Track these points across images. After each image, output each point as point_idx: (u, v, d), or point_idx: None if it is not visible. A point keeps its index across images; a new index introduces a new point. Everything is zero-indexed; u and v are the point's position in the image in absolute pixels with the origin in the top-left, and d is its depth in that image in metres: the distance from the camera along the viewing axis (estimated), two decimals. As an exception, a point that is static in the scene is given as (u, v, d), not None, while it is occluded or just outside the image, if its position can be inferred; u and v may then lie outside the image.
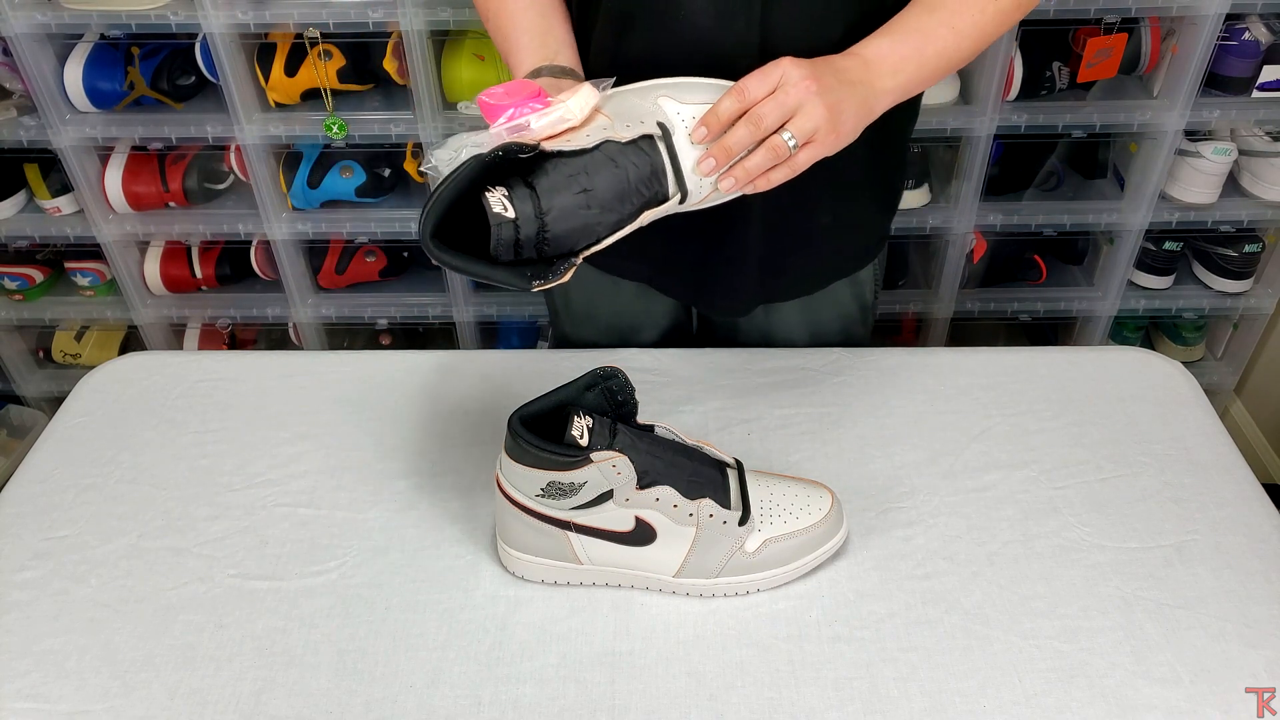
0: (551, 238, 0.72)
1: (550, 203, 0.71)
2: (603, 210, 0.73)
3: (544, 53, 0.86)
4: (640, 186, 0.74)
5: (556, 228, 0.72)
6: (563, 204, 0.71)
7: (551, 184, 0.71)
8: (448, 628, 0.81)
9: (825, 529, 0.83)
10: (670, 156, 0.75)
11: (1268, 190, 1.77)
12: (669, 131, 0.75)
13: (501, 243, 0.70)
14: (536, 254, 0.72)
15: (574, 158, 0.72)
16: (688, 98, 0.76)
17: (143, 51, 1.68)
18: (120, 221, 1.81)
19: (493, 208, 0.69)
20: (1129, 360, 1.08)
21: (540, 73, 0.85)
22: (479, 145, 0.70)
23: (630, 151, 0.73)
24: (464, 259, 0.70)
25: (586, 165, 0.72)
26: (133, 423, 1.01)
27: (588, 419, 0.76)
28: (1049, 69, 1.67)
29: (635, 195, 0.74)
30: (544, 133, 0.71)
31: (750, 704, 0.75)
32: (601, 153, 0.73)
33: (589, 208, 0.72)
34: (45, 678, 0.78)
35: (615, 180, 0.73)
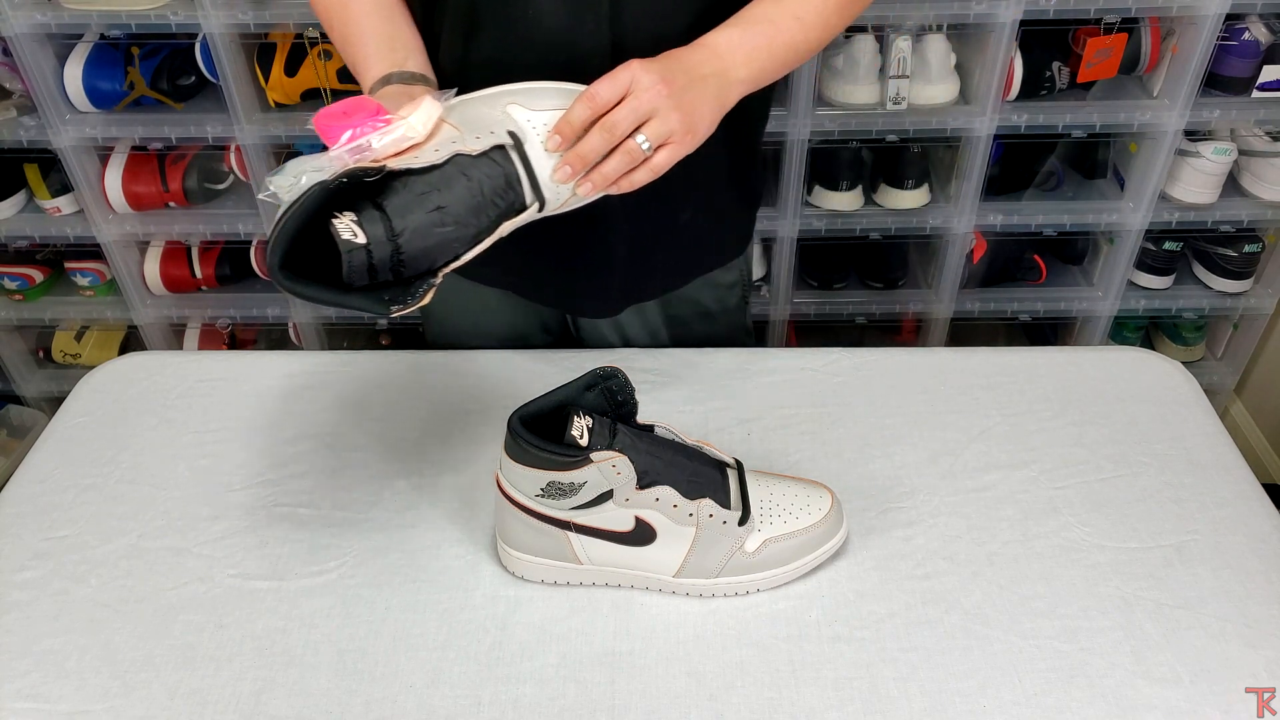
0: (407, 258, 0.70)
1: (403, 223, 0.69)
2: (458, 225, 0.71)
3: (392, 59, 0.84)
4: (495, 198, 0.73)
5: (411, 248, 0.69)
6: (416, 223, 0.69)
7: (402, 204, 0.69)
8: (448, 628, 0.81)
9: (825, 529, 0.83)
10: (524, 165, 0.73)
11: (1268, 190, 1.77)
12: (520, 140, 0.73)
13: (354, 269, 0.68)
14: (393, 276, 0.70)
15: (424, 175, 0.70)
16: (538, 104, 0.75)
17: (143, 51, 1.68)
18: (120, 221, 1.81)
19: (341, 235, 0.67)
20: (1129, 360, 1.08)
21: (390, 79, 0.83)
22: (320, 169, 0.67)
23: (482, 163, 0.72)
24: (316, 288, 0.67)
25: (438, 181, 0.70)
26: (133, 423, 1.01)
27: (588, 419, 0.76)
28: (1049, 69, 1.67)
29: (491, 207, 0.72)
30: (387, 152, 0.69)
31: (750, 704, 0.75)
32: (452, 167, 0.71)
33: (444, 224, 0.70)
34: (45, 678, 0.78)
35: (469, 194, 0.71)
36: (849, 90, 1.67)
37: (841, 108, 1.68)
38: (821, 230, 1.81)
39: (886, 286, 1.96)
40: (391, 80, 0.83)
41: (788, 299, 1.91)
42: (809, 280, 1.97)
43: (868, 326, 1.99)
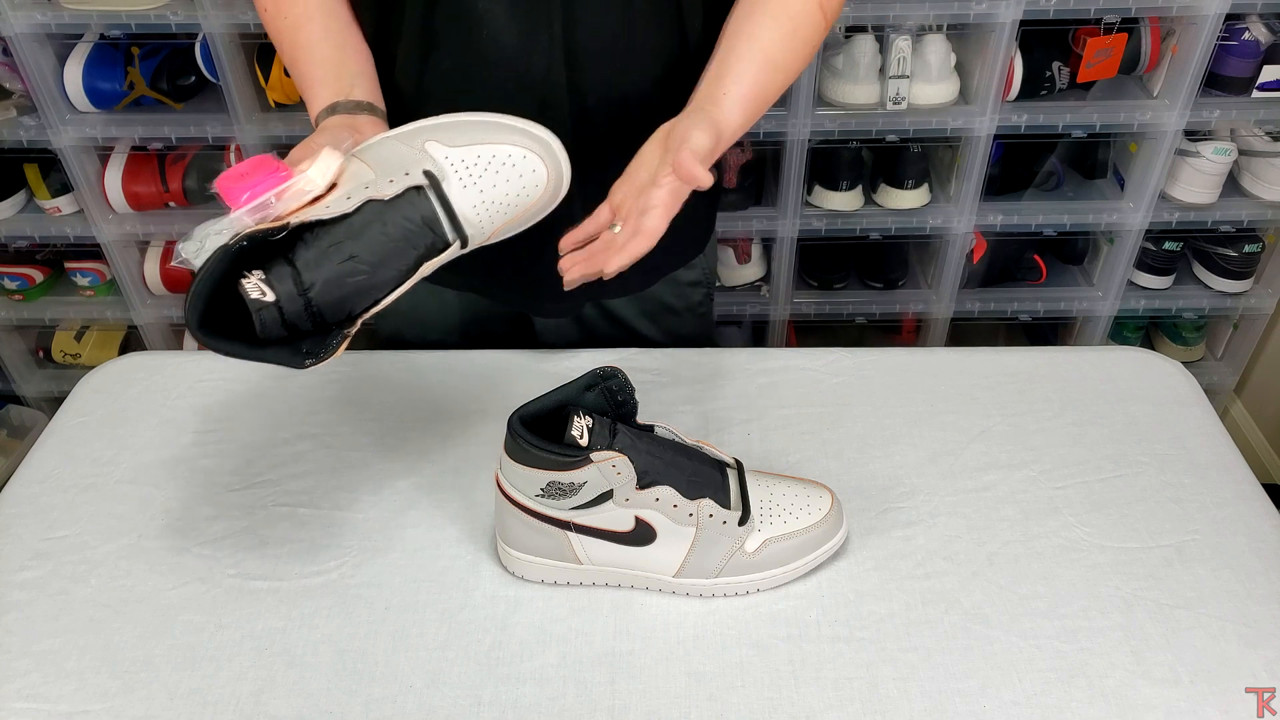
0: (323, 309, 0.70)
1: (312, 276, 0.69)
2: (372, 272, 0.71)
3: (338, 86, 0.84)
4: (413, 241, 0.72)
5: (324, 299, 0.70)
6: (327, 274, 0.69)
7: (312, 257, 0.69)
8: (448, 628, 0.81)
9: (825, 529, 0.83)
10: (443, 205, 0.72)
11: (1268, 190, 1.77)
12: (438, 179, 0.72)
13: (267, 325, 0.68)
14: (313, 325, 0.70)
15: (334, 224, 0.69)
16: (457, 139, 0.73)
17: (143, 51, 1.68)
18: (120, 221, 1.81)
19: (250, 294, 0.67)
20: (1129, 360, 1.08)
21: (336, 108, 0.82)
22: (221, 232, 0.68)
23: (398, 206, 0.71)
24: (233, 344, 0.68)
25: (349, 230, 0.70)
26: (133, 423, 1.01)
27: (588, 419, 0.76)
28: (1049, 69, 1.67)
29: (409, 250, 0.72)
30: (289, 208, 0.69)
31: (750, 704, 0.75)
32: (365, 214, 0.70)
33: (357, 273, 0.70)
34: (45, 678, 0.78)
35: (384, 240, 0.70)
36: (849, 90, 1.67)
37: (841, 108, 1.68)
38: (821, 230, 1.81)
39: (886, 286, 1.96)
40: (338, 109, 0.82)
41: (788, 299, 1.91)
42: (809, 280, 1.97)
43: (868, 326, 1.99)
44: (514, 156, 0.74)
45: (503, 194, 0.74)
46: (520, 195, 0.75)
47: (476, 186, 0.73)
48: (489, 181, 0.73)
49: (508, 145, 0.74)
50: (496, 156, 0.73)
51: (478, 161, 0.73)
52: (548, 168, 0.75)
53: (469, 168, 0.73)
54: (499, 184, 0.74)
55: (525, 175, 0.74)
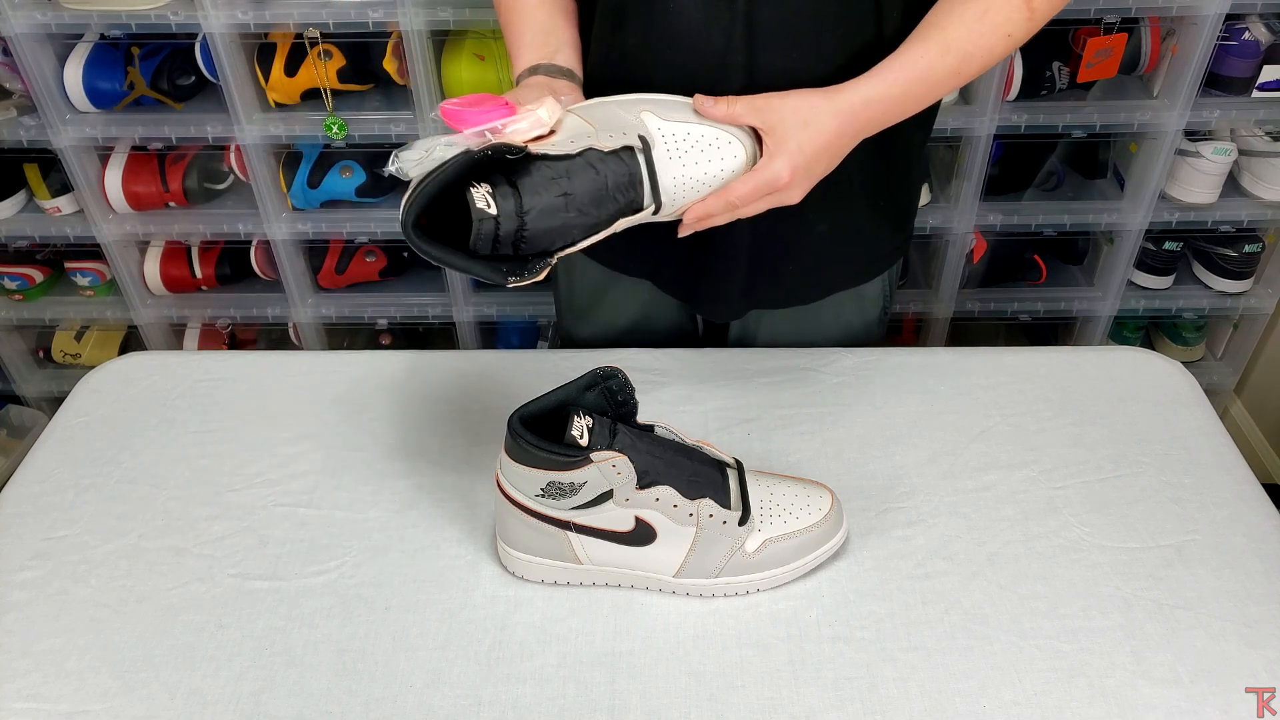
0: (529, 236, 0.74)
1: (531, 202, 0.73)
2: (580, 213, 0.75)
3: (544, 50, 0.88)
4: (617, 194, 0.76)
5: (535, 226, 0.73)
6: (543, 204, 0.73)
7: (534, 184, 0.73)
8: (448, 628, 0.81)
9: (825, 529, 0.83)
10: (649, 168, 0.77)
11: (1268, 190, 1.77)
12: (649, 145, 0.77)
13: (482, 237, 0.72)
14: (513, 251, 0.74)
15: (557, 161, 0.74)
16: (670, 115, 0.79)
17: (143, 51, 1.68)
18: (120, 221, 1.81)
19: (476, 203, 0.71)
20: (1129, 360, 1.08)
21: (537, 70, 0.86)
22: (453, 144, 0.72)
23: (611, 160, 0.76)
24: (444, 250, 0.72)
25: (568, 169, 0.74)
26: (133, 423, 1.01)
27: (588, 419, 0.76)
28: (1049, 69, 1.67)
29: (612, 201, 0.76)
30: (517, 137, 0.73)
31: (750, 704, 0.75)
32: (583, 159, 0.75)
33: (568, 210, 0.74)
34: (45, 678, 0.78)
35: (595, 186, 0.75)
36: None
37: (841, 108, 1.68)
38: (821, 230, 1.81)
39: (886, 286, 1.95)
40: (539, 71, 0.86)
41: (788, 299, 1.91)
42: (809, 280, 1.97)
43: (868, 326, 1.99)
44: (720, 140, 0.79)
45: (702, 172, 0.79)
46: (716, 177, 0.79)
47: (681, 160, 0.78)
48: (692, 158, 0.78)
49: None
50: (705, 137, 0.79)
51: (687, 137, 0.78)
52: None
53: (678, 141, 0.78)
54: (701, 162, 0.79)
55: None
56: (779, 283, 1.03)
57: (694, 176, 0.78)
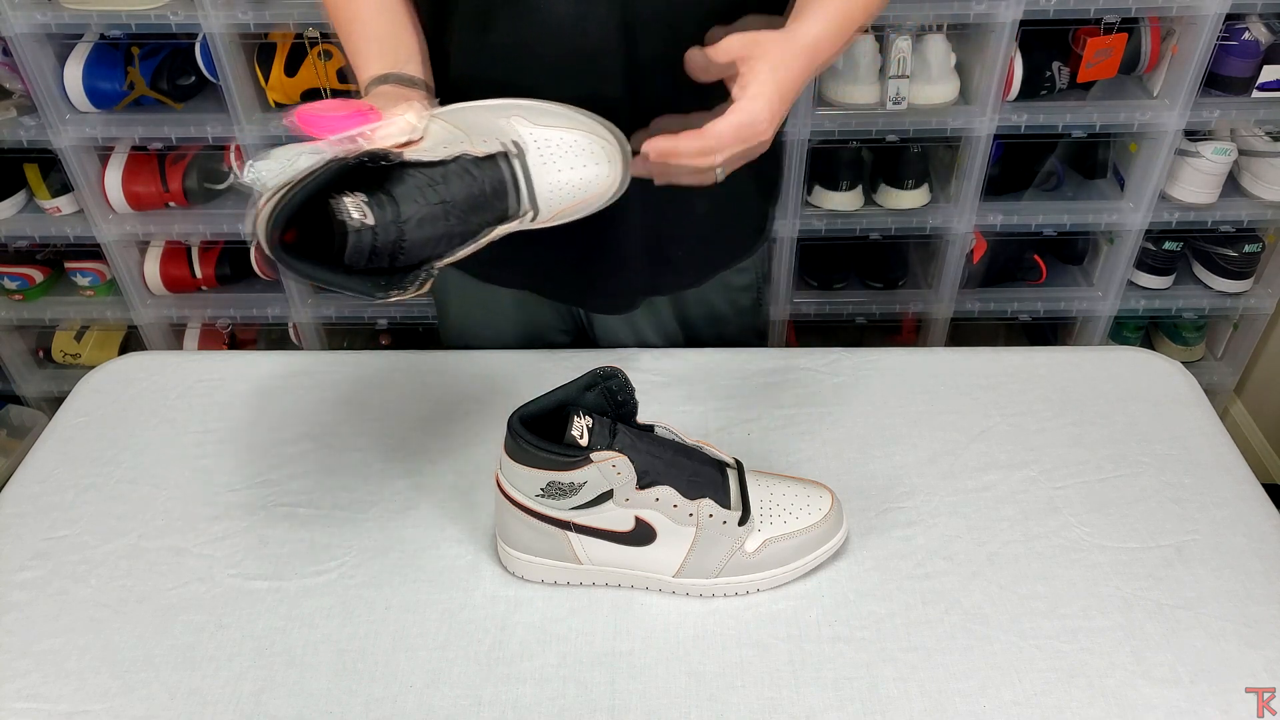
0: (408, 246, 0.71)
1: (409, 210, 0.70)
2: (459, 221, 0.73)
3: (392, 59, 0.85)
4: (494, 200, 0.75)
5: (413, 236, 0.71)
6: (421, 212, 0.71)
7: (408, 192, 0.71)
8: (448, 628, 0.81)
9: (825, 529, 0.83)
10: (524, 174, 0.75)
11: (1268, 190, 1.77)
12: (523, 151, 0.75)
13: (357, 250, 0.69)
14: (389, 263, 0.71)
15: (430, 168, 0.72)
16: (541, 120, 0.77)
17: (143, 51, 1.68)
18: (120, 221, 1.81)
19: (351, 213, 0.68)
20: (1129, 360, 1.08)
21: (387, 79, 0.83)
22: (318, 152, 0.68)
23: (486, 165, 0.74)
24: (315, 267, 0.68)
25: (443, 176, 0.72)
26: (133, 423, 1.01)
27: (588, 419, 0.76)
28: (1049, 69, 1.67)
29: (489, 208, 0.74)
30: (390, 141, 0.71)
31: (750, 704, 0.75)
32: (458, 165, 0.73)
33: (447, 218, 0.72)
34: (45, 678, 0.78)
35: (471, 192, 0.73)
36: (849, 90, 1.67)
37: (841, 108, 1.68)
38: (821, 230, 1.81)
39: (886, 286, 1.96)
40: (388, 80, 0.83)
41: (788, 299, 1.91)
42: (809, 280, 1.97)
43: (868, 326, 1.99)
44: (591, 146, 0.77)
45: (575, 177, 0.77)
46: (588, 183, 0.78)
47: (554, 166, 0.77)
48: (566, 163, 0.77)
49: (585, 134, 0.78)
50: (577, 143, 0.77)
51: (560, 143, 0.77)
52: (620, 164, 0.79)
53: (551, 147, 0.77)
54: (575, 167, 0.77)
55: (599, 165, 0.78)
56: (669, 268, 1.04)
57: (568, 181, 0.77)
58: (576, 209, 0.79)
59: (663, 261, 1.03)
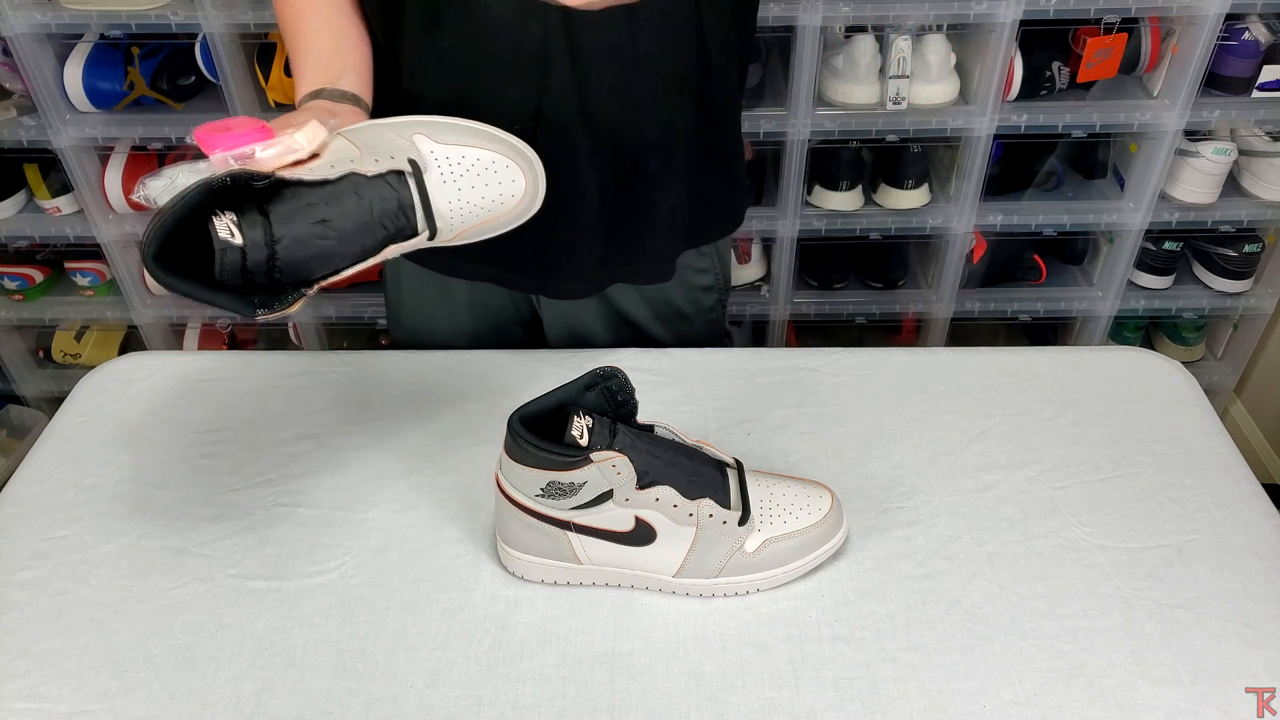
0: (283, 265, 0.71)
1: (283, 231, 0.70)
2: (341, 241, 0.72)
3: (328, 75, 0.86)
4: (384, 220, 0.74)
5: (288, 256, 0.71)
6: (297, 233, 0.71)
7: (287, 212, 0.70)
8: (448, 628, 0.81)
9: (825, 529, 0.83)
10: (420, 193, 0.75)
11: (1268, 190, 1.77)
12: (421, 168, 0.75)
13: (227, 268, 0.69)
14: (268, 281, 0.71)
15: (315, 187, 0.71)
16: (445, 138, 0.76)
17: (143, 51, 1.68)
18: (120, 221, 1.81)
19: (219, 233, 0.68)
20: (1129, 360, 1.08)
21: (321, 94, 0.84)
22: (196, 171, 0.69)
23: (377, 185, 0.73)
24: (186, 283, 0.68)
25: (328, 196, 0.71)
26: (133, 423, 1.01)
27: (588, 419, 0.76)
28: (1049, 69, 1.67)
29: (378, 228, 0.74)
30: (272, 163, 0.70)
31: (750, 704, 0.75)
32: (346, 184, 0.72)
33: (326, 238, 0.72)
34: (45, 678, 0.78)
35: (358, 212, 0.72)
36: (849, 90, 1.67)
37: (841, 108, 1.68)
38: (821, 230, 1.81)
39: (886, 286, 1.96)
40: (322, 95, 0.84)
41: (788, 299, 1.91)
42: (809, 280, 1.97)
43: (868, 326, 1.99)
44: (496, 164, 0.76)
45: (479, 196, 0.76)
46: (494, 202, 0.77)
47: (455, 185, 0.75)
48: (468, 182, 0.76)
49: (492, 152, 0.76)
50: (480, 160, 0.76)
51: (461, 161, 0.76)
52: (526, 182, 0.77)
53: (452, 165, 0.75)
54: (477, 186, 0.76)
55: (504, 184, 0.77)
56: (639, 257, 1.04)
57: (471, 201, 0.76)
58: (484, 229, 0.79)
59: (627, 249, 1.03)
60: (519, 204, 0.78)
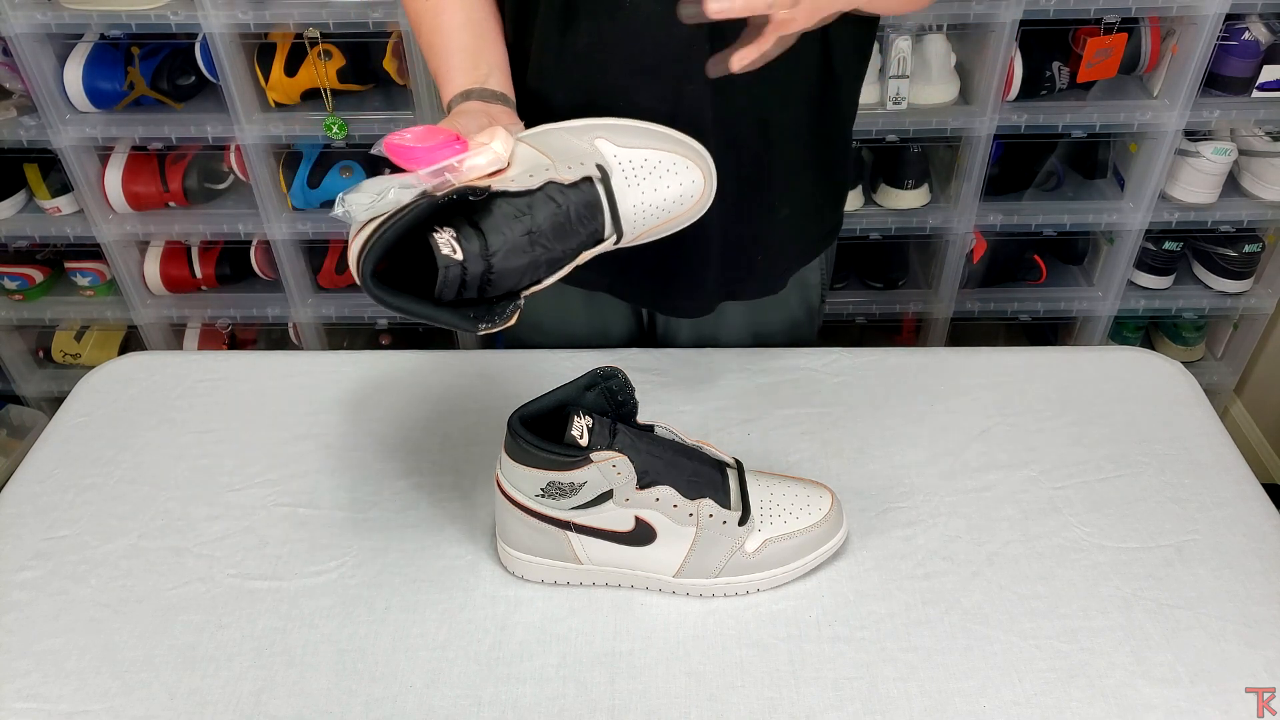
0: (496, 277, 0.72)
1: (496, 243, 0.71)
2: (545, 249, 0.73)
3: (476, 74, 0.85)
4: (579, 226, 0.75)
5: (501, 267, 0.71)
6: (508, 244, 0.71)
7: (496, 223, 0.71)
8: (448, 628, 0.81)
9: (825, 529, 0.83)
10: (608, 197, 0.75)
11: (1268, 190, 1.77)
12: (608, 174, 0.75)
13: (448, 284, 0.70)
14: (478, 294, 0.72)
15: (518, 197, 0.72)
16: (624, 140, 0.77)
17: (143, 51, 1.68)
18: (120, 221, 1.81)
19: (441, 249, 0.69)
20: (1129, 360, 1.08)
21: (470, 95, 0.84)
22: (408, 186, 0.69)
23: (572, 192, 0.74)
24: (408, 300, 0.69)
25: (529, 205, 0.72)
26: (133, 423, 1.01)
27: (588, 419, 0.76)
28: (1049, 69, 1.67)
29: (575, 235, 0.74)
30: (475, 174, 0.71)
31: (750, 704, 0.75)
32: (544, 193, 0.73)
33: (533, 247, 0.72)
34: (45, 678, 0.78)
35: (558, 220, 0.73)
36: (849, 90, 1.67)
37: (841, 108, 1.68)
38: (821, 230, 1.81)
39: (886, 286, 1.96)
40: (472, 96, 0.83)
41: (788, 299, 1.91)
42: (809, 280, 1.97)
43: (868, 326, 1.99)
44: (677, 165, 0.77)
45: (661, 198, 0.77)
46: (675, 202, 0.78)
47: (640, 187, 0.76)
48: (651, 185, 0.77)
49: (672, 154, 0.77)
50: (662, 162, 0.77)
51: (645, 164, 0.77)
52: (704, 179, 0.78)
53: (636, 168, 0.76)
54: (660, 188, 0.77)
55: (685, 185, 0.77)
56: (751, 273, 1.04)
57: (652, 202, 0.77)
58: (662, 228, 0.80)
59: (745, 266, 1.02)
60: (697, 202, 0.79)
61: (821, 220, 1.07)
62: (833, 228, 1.10)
